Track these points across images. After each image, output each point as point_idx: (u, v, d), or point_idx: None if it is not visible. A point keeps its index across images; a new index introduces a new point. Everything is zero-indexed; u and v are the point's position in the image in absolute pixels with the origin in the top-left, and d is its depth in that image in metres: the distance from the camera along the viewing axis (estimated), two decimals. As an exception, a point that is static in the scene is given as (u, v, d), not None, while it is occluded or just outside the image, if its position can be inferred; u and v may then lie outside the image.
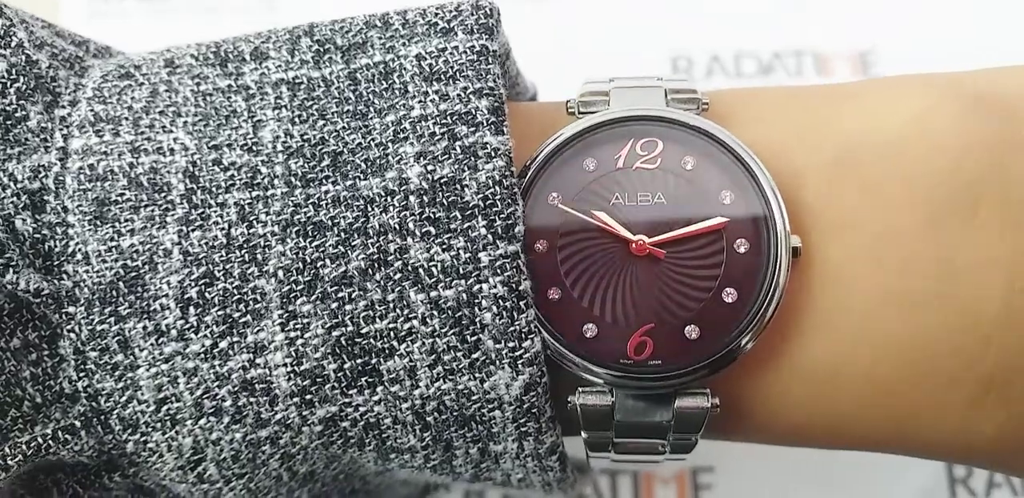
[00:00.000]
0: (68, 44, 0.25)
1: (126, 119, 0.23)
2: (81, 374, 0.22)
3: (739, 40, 0.44)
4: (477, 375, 0.21)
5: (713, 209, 0.22)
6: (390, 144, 0.22)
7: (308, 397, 0.21)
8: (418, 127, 0.22)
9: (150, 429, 0.21)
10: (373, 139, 0.22)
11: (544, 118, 0.24)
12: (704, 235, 0.22)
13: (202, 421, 0.21)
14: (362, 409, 0.21)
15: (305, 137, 0.22)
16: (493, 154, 0.21)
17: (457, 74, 0.22)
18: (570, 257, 0.22)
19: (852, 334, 0.22)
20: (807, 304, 0.22)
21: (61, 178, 0.22)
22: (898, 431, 0.22)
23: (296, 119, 0.23)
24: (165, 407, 0.21)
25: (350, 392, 0.21)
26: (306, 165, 0.22)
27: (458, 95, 0.22)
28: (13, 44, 0.23)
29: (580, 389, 0.22)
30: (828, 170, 0.23)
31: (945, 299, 0.21)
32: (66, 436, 0.21)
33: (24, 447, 0.21)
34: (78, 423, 0.21)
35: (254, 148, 0.22)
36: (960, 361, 0.21)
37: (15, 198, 0.22)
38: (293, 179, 0.22)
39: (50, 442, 0.21)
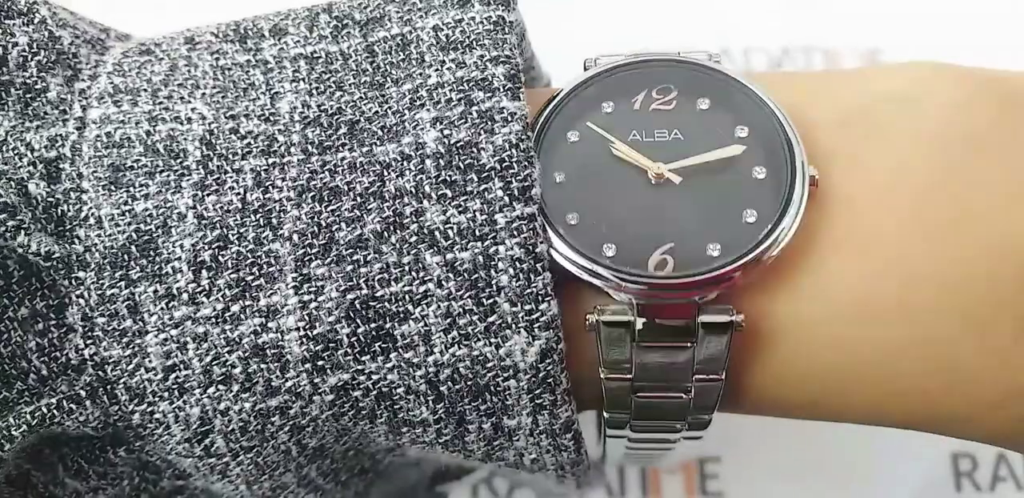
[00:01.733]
0: (90, 27, 0.25)
1: (145, 90, 0.23)
2: (88, 342, 0.21)
3: (749, 35, 0.44)
4: (492, 340, 0.21)
5: (730, 140, 0.23)
6: (407, 111, 0.22)
7: (320, 363, 0.21)
8: (434, 94, 0.22)
9: (157, 399, 0.21)
10: (390, 107, 0.22)
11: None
12: (722, 163, 0.22)
13: (211, 389, 0.21)
14: (375, 377, 0.21)
15: (322, 107, 0.23)
16: (510, 118, 0.21)
17: (474, 43, 0.22)
18: (589, 186, 0.22)
19: (864, 254, 0.22)
20: (826, 232, 0.22)
21: (78, 146, 0.22)
22: (926, 364, 0.22)
23: (314, 91, 0.23)
24: (173, 375, 0.21)
25: (363, 358, 0.21)
26: (323, 133, 0.22)
27: (475, 62, 0.22)
28: (36, 20, 0.23)
29: (599, 306, 0.22)
30: (839, 120, 0.23)
31: (968, 232, 0.21)
32: (71, 406, 0.21)
33: (28, 417, 0.21)
34: (83, 393, 0.21)
35: (271, 118, 0.22)
36: (993, 297, 0.21)
37: (31, 167, 0.22)
38: (310, 147, 0.22)
39: (54, 411, 0.21)
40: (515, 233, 0.20)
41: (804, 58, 0.45)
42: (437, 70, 0.22)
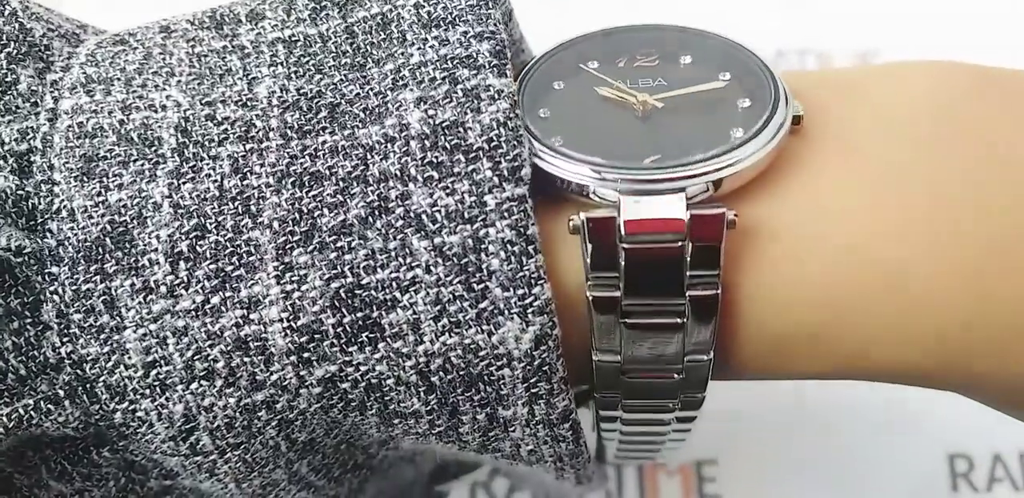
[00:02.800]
0: (66, 23, 0.24)
1: (118, 79, 0.22)
2: (65, 339, 0.20)
3: (743, 37, 0.44)
4: (484, 327, 0.20)
5: (713, 79, 0.23)
6: (389, 92, 0.21)
7: (305, 355, 0.20)
8: (417, 73, 0.21)
9: (138, 396, 0.20)
10: (372, 89, 0.22)
11: None
12: (706, 94, 0.23)
13: (193, 385, 0.20)
14: (363, 368, 0.20)
15: (301, 91, 0.22)
16: (496, 96, 0.21)
17: (457, 19, 0.22)
18: (574, 118, 0.22)
19: (871, 171, 0.21)
20: (815, 152, 0.22)
21: (49, 138, 0.21)
22: (960, 280, 0.21)
23: (292, 75, 0.22)
24: (154, 371, 0.20)
25: (350, 349, 0.20)
26: (302, 117, 0.21)
27: (458, 39, 0.21)
28: (6, 13, 0.22)
29: (582, 211, 0.21)
30: (821, 84, 0.23)
31: (956, 149, 0.21)
32: (49, 406, 0.20)
33: (5, 419, 0.20)
34: (62, 393, 0.21)
35: (249, 103, 0.22)
36: (1001, 197, 0.21)
37: (0, 161, 0.21)
38: (289, 131, 0.21)
39: (31, 413, 0.20)
40: (506, 215, 0.20)
41: (798, 60, 0.45)
42: (419, 49, 0.22)
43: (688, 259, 0.21)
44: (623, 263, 0.21)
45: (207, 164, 0.21)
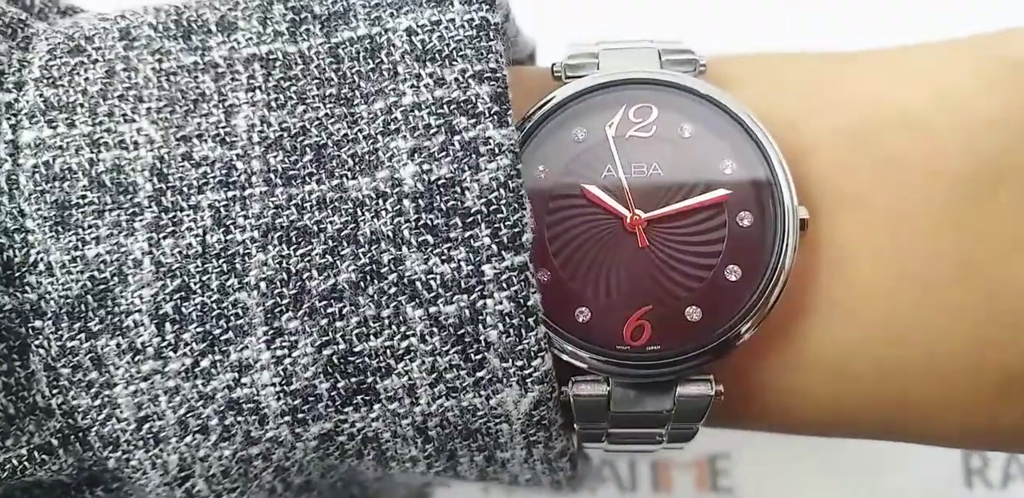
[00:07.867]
0: (7, 2, 0.22)
1: (81, 106, 0.20)
2: (54, 391, 0.20)
3: (738, 42, 0.44)
4: (483, 393, 0.19)
5: (714, 179, 0.21)
6: (380, 137, 0.20)
7: (300, 415, 0.20)
8: (411, 117, 0.20)
9: (132, 447, 0.20)
10: (360, 130, 0.20)
11: (534, 84, 0.22)
12: (704, 209, 0.21)
13: (188, 439, 0.20)
14: (359, 425, 0.20)
15: (284, 125, 0.20)
16: (496, 151, 0.19)
17: (454, 53, 0.20)
18: (559, 235, 0.21)
19: (864, 318, 0.20)
20: (815, 284, 0.21)
21: (14, 177, 0.20)
22: (914, 422, 0.21)
23: (272, 103, 0.20)
24: (147, 425, 0.20)
25: (345, 410, 0.20)
26: (287, 159, 0.20)
27: (455, 79, 0.20)
28: None
29: (574, 378, 0.21)
30: (841, 143, 0.21)
31: (965, 284, 0.20)
32: (43, 457, 0.20)
33: None
34: (55, 441, 0.20)
35: (227, 139, 0.20)
36: (982, 350, 0.20)
37: None
38: (273, 176, 0.20)
39: (25, 463, 0.20)
40: (505, 286, 0.19)
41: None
42: (413, 86, 0.20)
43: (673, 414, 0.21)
44: (610, 417, 0.21)
45: (187, 215, 0.20)
